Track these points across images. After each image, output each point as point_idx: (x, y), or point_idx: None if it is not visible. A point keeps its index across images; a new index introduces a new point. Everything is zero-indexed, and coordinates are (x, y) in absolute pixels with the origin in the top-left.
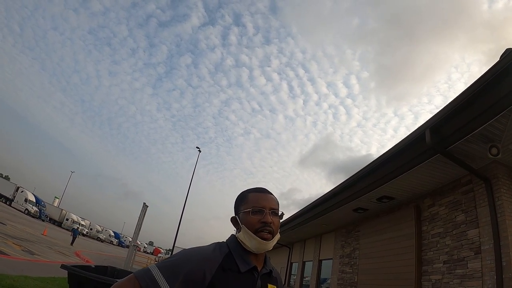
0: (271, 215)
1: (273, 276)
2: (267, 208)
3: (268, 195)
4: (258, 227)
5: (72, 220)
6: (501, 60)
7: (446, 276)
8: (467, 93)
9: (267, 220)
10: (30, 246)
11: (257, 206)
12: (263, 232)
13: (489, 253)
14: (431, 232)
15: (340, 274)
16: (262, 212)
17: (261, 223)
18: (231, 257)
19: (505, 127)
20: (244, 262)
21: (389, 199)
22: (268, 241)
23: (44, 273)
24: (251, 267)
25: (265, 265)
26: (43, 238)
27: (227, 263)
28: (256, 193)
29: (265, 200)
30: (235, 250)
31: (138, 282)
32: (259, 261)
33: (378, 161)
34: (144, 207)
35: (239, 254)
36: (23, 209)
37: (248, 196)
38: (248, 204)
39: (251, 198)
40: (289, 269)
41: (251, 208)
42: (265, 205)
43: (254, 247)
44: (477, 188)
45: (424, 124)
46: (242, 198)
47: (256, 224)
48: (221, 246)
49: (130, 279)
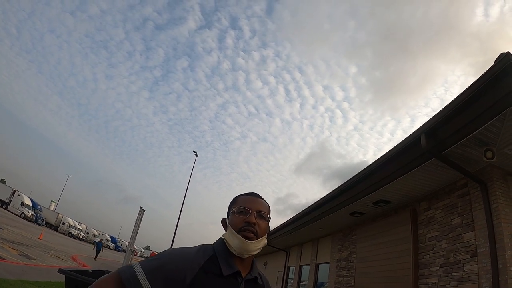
0: (256, 216)
1: (259, 283)
2: (253, 210)
3: (257, 198)
4: (242, 226)
5: (69, 224)
6: (495, 65)
7: (442, 279)
8: (462, 97)
9: (251, 220)
10: (26, 250)
11: (243, 207)
12: (246, 231)
13: (485, 256)
14: (428, 236)
15: (337, 278)
16: (247, 212)
17: (245, 222)
18: (215, 260)
19: (500, 131)
20: (228, 266)
21: (386, 203)
22: (251, 241)
23: (41, 278)
24: (234, 271)
25: (251, 271)
26: (39, 242)
27: (209, 265)
28: (245, 196)
29: (252, 202)
30: (220, 253)
31: (120, 277)
32: (244, 266)
33: (374, 165)
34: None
35: (224, 258)
36: (19, 213)
37: (238, 198)
38: (236, 205)
39: (240, 200)
40: (286, 273)
41: (237, 208)
42: (251, 206)
43: (236, 246)
44: (472, 192)
45: (420, 128)
46: (233, 201)
47: (240, 223)
48: (206, 248)
49: (113, 274)
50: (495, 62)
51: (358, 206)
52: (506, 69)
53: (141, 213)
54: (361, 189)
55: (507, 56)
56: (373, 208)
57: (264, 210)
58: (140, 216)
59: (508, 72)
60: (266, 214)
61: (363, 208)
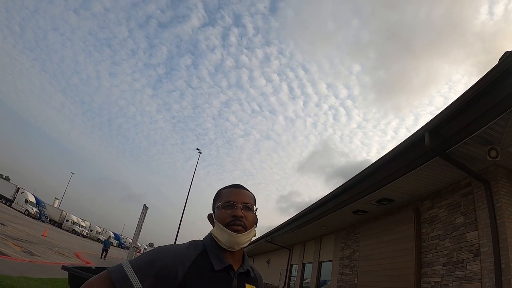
0: (243, 209)
1: (252, 276)
2: (238, 202)
3: (241, 189)
4: (229, 221)
5: (72, 221)
6: (500, 63)
7: (445, 278)
8: (466, 96)
9: (237, 213)
10: (30, 247)
11: (228, 200)
12: (234, 225)
13: (488, 255)
14: (431, 235)
15: (340, 276)
16: (233, 206)
17: (232, 216)
18: (206, 255)
19: (504, 130)
20: (219, 261)
21: (389, 201)
22: (240, 234)
23: (44, 274)
24: (226, 265)
25: (243, 265)
26: (43, 239)
27: (201, 261)
28: (229, 188)
29: (236, 195)
30: (210, 248)
31: (110, 277)
32: (236, 260)
33: (378, 163)
34: (144, 209)
35: (214, 252)
36: (23, 210)
37: (221, 192)
38: (221, 199)
39: (224, 193)
40: (289, 271)
41: (222, 202)
42: (236, 199)
43: (226, 240)
44: (476, 191)
45: (424, 127)
46: (217, 195)
47: (227, 218)
48: (196, 244)
49: (103, 274)
50: (499, 60)
51: (361, 205)
52: (511, 67)
53: (144, 210)
54: (364, 187)
55: (511, 55)
56: (376, 207)
57: (249, 201)
58: (144, 213)
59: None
60: (252, 205)
61: (366, 206)
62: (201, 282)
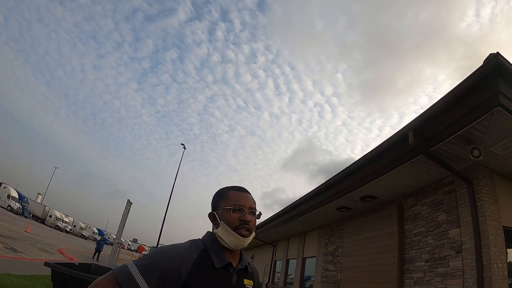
0: (250, 214)
1: (249, 271)
2: (246, 207)
3: (248, 194)
4: (238, 225)
5: (56, 217)
6: (484, 65)
7: (427, 274)
8: (451, 95)
9: (247, 218)
10: (13, 243)
11: (237, 205)
12: (242, 229)
13: (470, 252)
14: (413, 231)
15: (323, 272)
16: (242, 210)
17: (241, 221)
18: (207, 254)
19: (487, 130)
20: (219, 259)
21: (372, 198)
22: (246, 238)
23: (27, 271)
24: (226, 263)
25: (241, 261)
26: (26, 235)
27: (202, 259)
28: (236, 191)
29: (245, 199)
30: (210, 247)
31: (116, 278)
32: (234, 257)
33: (362, 160)
34: (128, 204)
35: (215, 251)
36: (5, 206)
37: (228, 193)
38: (228, 202)
39: (231, 196)
40: (273, 267)
41: (231, 206)
42: (245, 204)
43: (232, 243)
44: (458, 189)
45: (408, 125)
46: (222, 195)
47: (235, 221)
48: (197, 243)
49: (109, 275)
50: (484, 62)
51: (345, 201)
52: (495, 69)
53: (128, 206)
54: (348, 184)
55: (496, 56)
56: (360, 203)
57: (255, 207)
58: (127, 208)
59: (497, 72)
60: (256, 210)
61: (350, 203)
62: (203, 280)
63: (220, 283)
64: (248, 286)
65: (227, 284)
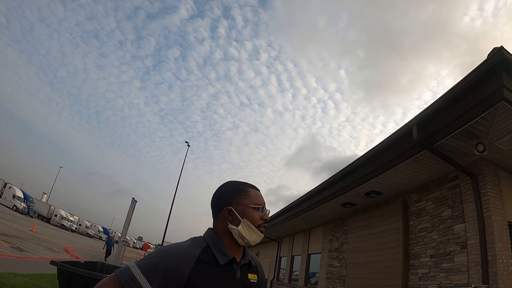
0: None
1: (253, 266)
2: (264, 206)
3: (260, 193)
4: (260, 223)
5: (61, 216)
6: (488, 59)
7: (432, 270)
8: (455, 90)
9: (267, 218)
10: (18, 242)
11: (259, 204)
12: (262, 227)
13: (474, 248)
14: (418, 227)
15: (328, 268)
16: (264, 209)
17: (263, 219)
18: (209, 251)
19: (491, 125)
20: (223, 255)
21: (377, 194)
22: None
23: (33, 270)
24: (230, 259)
25: (244, 256)
26: (31, 235)
27: (204, 257)
28: (254, 189)
29: (262, 198)
30: (213, 244)
31: (118, 280)
32: (238, 253)
33: (366, 156)
34: (133, 202)
35: (217, 247)
36: (11, 206)
37: (249, 191)
38: (251, 200)
39: (252, 194)
40: (278, 263)
41: (255, 205)
42: (263, 202)
43: (253, 240)
44: (463, 184)
45: (412, 120)
46: (240, 191)
47: (258, 220)
48: (198, 241)
49: (111, 277)
50: (488, 56)
51: (349, 197)
52: (499, 63)
53: (133, 204)
54: (352, 180)
55: (500, 50)
56: (364, 199)
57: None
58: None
59: (501, 66)
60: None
61: (354, 199)
62: (207, 277)
63: (224, 279)
64: (252, 280)
65: (231, 279)
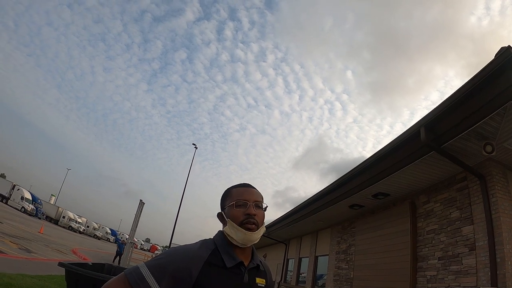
0: (254, 207)
1: (261, 270)
2: (250, 201)
3: (251, 189)
4: (243, 219)
5: (69, 218)
6: (496, 58)
7: (441, 272)
8: (462, 90)
9: (251, 212)
10: (27, 244)
11: (241, 199)
12: (248, 223)
13: (483, 250)
14: (426, 229)
15: (336, 270)
16: (246, 205)
17: (245, 215)
18: (218, 253)
19: (499, 125)
20: (230, 258)
21: (385, 196)
22: (253, 232)
23: (41, 271)
24: (237, 262)
25: (253, 260)
26: (40, 236)
27: (213, 259)
28: (239, 188)
29: (248, 194)
30: (221, 246)
31: (127, 280)
32: (246, 256)
33: (373, 158)
34: (140, 204)
35: (225, 250)
36: (19, 207)
37: (232, 191)
38: (232, 198)
39: (235, 193)
40: (285, 265)
41: (235, 202)
42: (248, 198)
43: (240, 239)
44: (471, 185)
45: (419, 122)
46: (227, 194)
47: (240, 216)
48: (207, 243)
49: (120, 277)
50: (495, 55)
51: (357, 199)
52: (507, 63)
53: (141, 206)
54: (360, 181)
55: (508, 50)
56: (372, 201)
57: (260, 200)
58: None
59: (509, 66)
60: (262, 203)
61: (362, 200)
62: (215, 280)
63: (232, 282)
64: (260, 284)
65: (239, 283)
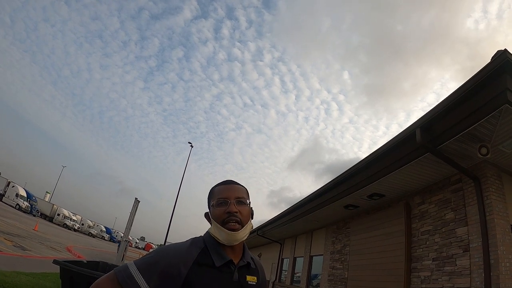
0: (236, 204)
1: (252, 268)
2: (231, 198)
3: (233, 185)
4: (225, 218)
5: (64, 215)
6: (492, 62)
7: (435, 273)
8: (459, 92)
9: (231, 209)
10: (21, 241)
11: (221, 198)
12: (230, 222)
13: (477, 251)
14: (421, 230)
15: (330, 270)
16: (226, 202)
17: (227, 213)
18: (207, 252)
19: (494, 128)
20: (219, 256)
21: (380, 197)
22: (237, 231)
23: (36, 269)
24: (226, 260)
25: (243, 258)
26: (34, 234)
27: (202, 258)
28: (221, 185)
29: (229, 191)
30: (210, 245)
31: (116, 278)
32: (236, 254)
33: (369, 158)
34: (135, 202)
35: (214, 249)
36: (14, 204)
37: (214, 190)
38: (214, 197)
39: (216, 191)
40: (280, 265)
41: (215, 200)
42: (229, 195)
43: (224, 239)
44: (466, 187)
45: (415, 123)
46: (210, 193)
47: (222, 215)
48: (197, 241)
49: (110, 275)
50: (492, 59)
51: (352, 199)
52: (503, 66)
53: (136, 204)
54: (355, 182)
55: (504, 53)
56: (367, 201)
57: (242, 195)
58: (135, 207)
59: (505, 70)
60: (245, 199)
61: (357, 201)
62: (204, 279)
63: (221, 281)
64: (251, 282)
65: (228, 281)
